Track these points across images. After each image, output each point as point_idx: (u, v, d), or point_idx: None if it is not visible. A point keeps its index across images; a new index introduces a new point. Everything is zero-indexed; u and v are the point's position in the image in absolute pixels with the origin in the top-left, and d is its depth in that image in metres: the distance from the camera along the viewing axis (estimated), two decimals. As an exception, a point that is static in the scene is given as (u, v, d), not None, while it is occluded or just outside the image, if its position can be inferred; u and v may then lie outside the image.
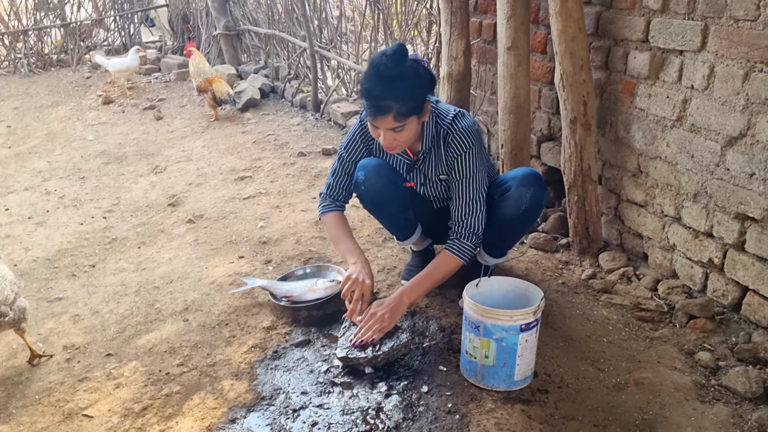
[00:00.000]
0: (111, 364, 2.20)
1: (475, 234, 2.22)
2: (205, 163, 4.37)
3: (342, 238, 2.35)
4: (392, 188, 2.32)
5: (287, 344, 2.27)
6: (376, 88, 1.99)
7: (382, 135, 2.06)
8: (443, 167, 2.27)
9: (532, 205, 2.26)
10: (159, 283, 2.74)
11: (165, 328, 2.39)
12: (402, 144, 2.11)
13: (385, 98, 1.98)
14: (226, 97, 5.44)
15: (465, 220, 2.22)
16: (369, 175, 2.30)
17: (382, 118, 2.00)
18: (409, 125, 2.05)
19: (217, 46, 7.32)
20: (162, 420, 1.92)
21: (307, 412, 1.93)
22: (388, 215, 2.45)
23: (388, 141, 2.07)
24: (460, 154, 2.19)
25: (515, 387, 1.97)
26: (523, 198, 2.24)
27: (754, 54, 2.02)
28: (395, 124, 2.01)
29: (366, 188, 2.32)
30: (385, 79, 1.99)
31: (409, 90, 1.99)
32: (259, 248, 3.03)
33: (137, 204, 3.70)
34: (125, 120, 5.64)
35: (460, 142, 2.18)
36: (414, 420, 1.87)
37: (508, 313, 1.89)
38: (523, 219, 2.29)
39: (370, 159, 2.34)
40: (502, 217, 2.29)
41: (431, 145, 2.24)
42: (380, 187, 2.30)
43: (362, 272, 2.20)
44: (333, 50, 5.53)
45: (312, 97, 5.46)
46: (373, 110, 2.01)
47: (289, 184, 3.88)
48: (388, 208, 2.40)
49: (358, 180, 2.31)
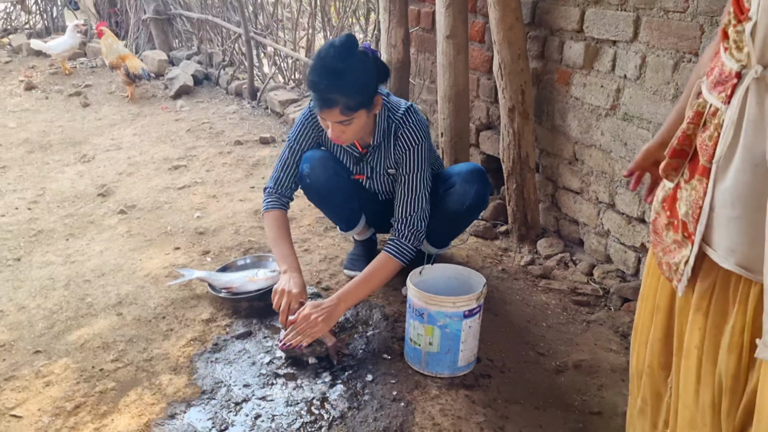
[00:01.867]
0: (40, 361, 2.09)
1: (417, 235, 2.19)
2: (137, 152, 4.22)
3: (278, 241, 2.25)
4: (337, 180, 2.30)
5: (228, 336, 2.21)
6: (321, 82, 1.94)
7: (330, 127, 2.03)
8: (391, 161, 2.26)
9: (475, 201, 2.28)
10: (90, 276, 2.62)
11: (97, 323, 2.29)
12: (350, 137, 2.08)
13: (331, 92, 1.94)
14: (140, 71, 5.36)
15: (408, 218, 2.19)
16: (314, 168, 2.27)
17: (329, 112, 1.97)
18: (357, 119, 2.02)
19: (146, 31, 7.06)
20: (96, 418, 1.84)
21: (249, 405, 1.89)
22: (333, 207, 2.42)
23: (335, 134, 2.04)
24: (408, 149, 2.18)
25: (459, 373, 2.00)
26: (468, 194, 2.26)
27: (683, 45, 2.09)
28: (342, 117, 1.98)
29: (311, 181, 2.28)
30: (331, 72, 1.94)
31: (356, 84, 1.95)
32: (196, 239, 2.94)
33: (64, 194, 3.53)
34: (49, 107, 5.37)
35: (409, 137, 2.17)
36: (359, 409, 1.86)
37: (451, 300, 1.90)
38: (467, 214, 2.33)
39: (315, 151, 2.31)
40: (446, 212, 2.30)
41: (381, 139, 2.23)
42: (325, 179, 2.27)
43: (290, 283, 2.10)
44: (269, 37, 5.43)
45: (248, 85, 5.35)
46: (320, 103, 1.97)
47: (225, 173, 3.79)
48: (333, 200, 2.37)
49: (303, 173, 2.28)
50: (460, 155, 3.01)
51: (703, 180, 1.04)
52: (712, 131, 1.01)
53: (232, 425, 1.81)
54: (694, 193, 1.06)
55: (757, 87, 0.92)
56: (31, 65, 6.68)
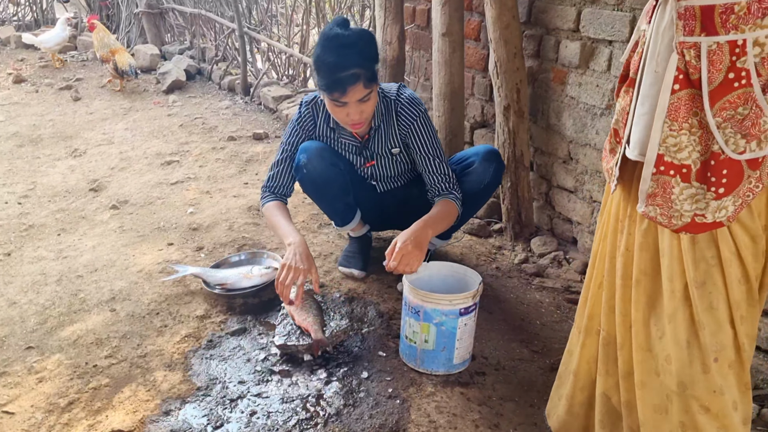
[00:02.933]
0: (32, 357, 2.08)
1: (456, 186, 2.29)
2: (129, 147, 4.19)
3: (280, 222, 2.24)
4: (334, 171, 2.29)
5: (222, 333, 2.21)
6: (341, 58, 1.95)
7: (352, 110, 2.05)
8: (396, 139, 2.30)
9: (493, 179, 2.34)
10: (82, 271, 2.60)
11: (90, 319, 2.28)
12: (368, 117, 2.13)
13: (352, 66, 1.96)
14: (127, 67, 5.47)
15: (444, 176, 2.28)
16: (311, 158, 2.26)
17: (353, 89, 1.99)
18: (374, 93, 2.08)
19: (138, 24, 7.01)
20: (90, 414, 1.83)
21: (245, 402, 1.88)
22: (329, 199, 2.42)
23: (356, 116, 2.07)
24: (413, 120, 2.25)
25: (454, 370, 2.00)
26: (487, 172, 2.32)
27: (680, 46, 2.10)
28: (365, 91, 2.01)
29: (308, 171, 2.28)
30: (347, 46, 1.97)
31: (370, 52, 2.01)
32: (189, 235, 2.93)
33: (55, 189, 3.50)
34: (39, 100, 5.32)
35: (410, 109, 2.25)
36: (355, 406, 1.86)
37: (447, 298, 1.90)
38: (484, 193, 2.37)
39: (312, 142, 2.30)
40: (464, 192, 2.32)
41: (381, 121, 2.26)
42: (322, 169, 2.27)
43: (296, 258, 2.07)
44: (263, 32, 5.41)
45: (241, 80, 5.33)
46: (342, 83, 1.97)
47: (219, 169, 3.77)
48: (329, 191, 2.36)
49: (300, 163, 2.27)
50: (455, 153, 3.01)
51: (630, 90, 1.28)
52: (639, 49, 1.26)
53: (228, 422, 1.80)
54: (623, 102, 1.31)
55: (662, 6, 1.16)
56: (20, 58, 6.62)
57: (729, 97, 1.11)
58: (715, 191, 1.16)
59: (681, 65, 1.13)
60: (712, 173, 1.15)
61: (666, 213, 1.22)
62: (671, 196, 1.21)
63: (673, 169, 1.19)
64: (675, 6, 1.12)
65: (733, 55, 1.09)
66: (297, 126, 2.34)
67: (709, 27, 1.09)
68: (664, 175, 1.21)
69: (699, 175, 1.17)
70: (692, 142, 1.16)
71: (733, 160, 1.13)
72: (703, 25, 1.10)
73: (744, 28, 1.07)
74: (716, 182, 1.16)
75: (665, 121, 1.17)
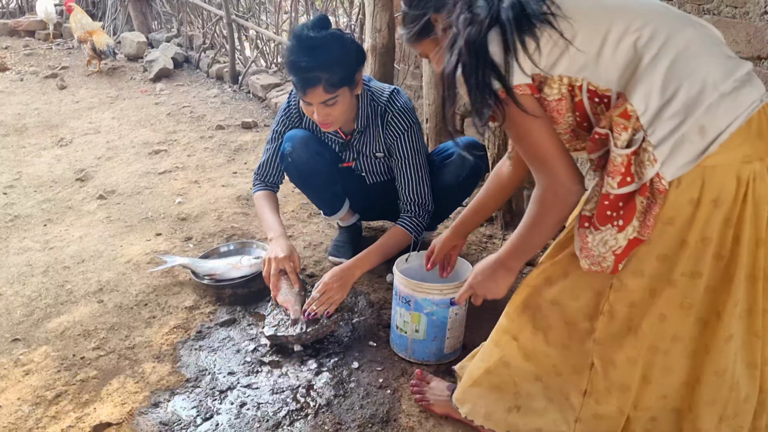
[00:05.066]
0: (18, 349, 2.05)
1: (427, 209, 2.26)
2: (116, 136, 4.14)
3: (265, 215, 2.29)
4: (319, 161, 2.27)
5: (211, 324, 2.19)
6: (302, 60, 1.92)
7: (316, 111, 2.01)
8: (381, 146, 2.26)
9: (471, 172, 2.30)
10: (69, 262, 2.57)
11: (78, 310, 2.25)
12: (336, 120, 2.07)
13: (313, 69, 1.92)
14: (105, 48, 5.52)
15: (416, 198, 2.24)
16: (296, 147, 2.24)
17: (313, 91, 1.95)
18: (342, 97, 2.00)
19: (125, 12, 6.93)
20: (78, 407, 1.81)
21: (234, 393, 1.87)
22: (315, 188, 2.40)
23: (321, 117, 2.02)
24: (401, 134, 2.19)
25: (445, 360, 1.99)
26: (465, 164, 2.28)
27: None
28: (326, 96, 1.96)
29: (293, 160, 2.26)
30: (310, 48, 1.93)
31: (336, 58, 1.94)
32: (177, 225, 2.90)
33: (41, 179, 3.46)
34: (24, 89, 5.25)
35: (399, 121, 2.19)
36: (345, 396, 1.86)
37: (438, 287, 1.89)
38: (463, 186, 2.34)
39: (297, 131, 2.28)
40: (443, 184, 2.30)
41: (366, 123, 2.21)
42: (307, 158, 2.25)
43: (276, 249, 2.13)
44: (251, 19, 5.35)
45: (229, 69, 5.28)
46: (303, 83, 1.95)
47: (207, 158, 3.74)
48: (315, 181, 2.34)
49: (285, 152, 2.25)
50: (445, 141, 2.99)
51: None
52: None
53: (217, 413, 1.79)
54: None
55: None
56: (5, 46, 6.52)
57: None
58: (618, 226, 1.21)
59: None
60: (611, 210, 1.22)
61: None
62: (588, 244, 1.26)
63: (587, 221, 1.25)
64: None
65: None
66: (284, 116, 2.33)
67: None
68: (581, 228, 1.27)
69: (599, 217, 1.23)
70: (596, 194, 1.24)
71: (619, 195, 1.20)
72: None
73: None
74: (616, 216, 1.21)
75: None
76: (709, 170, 1.14)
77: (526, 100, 1.23)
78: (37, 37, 6.99)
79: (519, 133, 1.28)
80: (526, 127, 1.26)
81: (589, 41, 1.19)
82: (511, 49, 1.18)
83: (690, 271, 1.22)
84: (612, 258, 1.23)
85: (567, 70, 1.21)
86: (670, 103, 1.14)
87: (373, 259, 2.16)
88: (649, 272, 1.25)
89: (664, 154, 1.14)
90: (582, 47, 1.19)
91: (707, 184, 1.14)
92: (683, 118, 1.13)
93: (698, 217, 1.17)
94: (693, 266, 1.21)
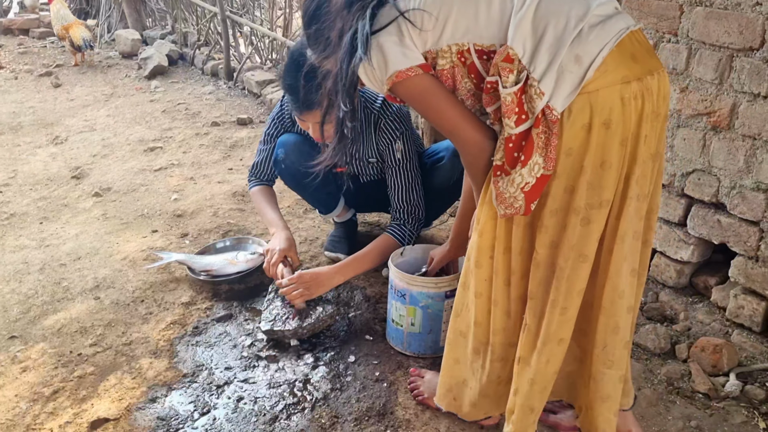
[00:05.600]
0: (16, 347, 2.06)
1: (417, 218, 2.27)
2: (111, 133, 4.13)
3: (264, 210, 2.33)
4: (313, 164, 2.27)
5: (208, 319, 2.19)
6: (299, 83, 1.88)
7: (311, 128, 2.02)
8: (373, 152, 2.26)
9: (462, 175, 2.28)
10: (65, 260, 2.57)
11: (74, 307, 2.26)
12: (332, 135, 2.06)
13: (311, 92, 1.89)
14: (81, 42, 5.66)
15: (407, 206, 2.25)
16: (288, 153, 2.26)
17: (309, 114, 1.95)
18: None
19: (119, 9, 6.89)
20: (75, 403, 1.81)
21: (232, 388, 1.88)
22: (310, 191, 2.40)
23: (317, 134, 2.01)
24: (393, 140, 2.20)
25: (441, 353, 1.99)
26: (456, 168, 2.27)
27: (663, 24, 2.10)
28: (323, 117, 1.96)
29: (286, 166, 2.28)
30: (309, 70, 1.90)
31: None
32: (173, 221, 2.90)
33: (37, 177, 3.45)
34: (19, 87, 5.23)
35: (392, 128, 2.19)
36: (342, 390, 1.86)
37: (433, 281, 1.90)
38: (453, 189, 2.32)
39: (289, 135, 2.30)
40: (434, 186, 2.31)
41: (360, 130, 2.21)
42: (300, 163, 2.25)
43: (275, 241, 2.18)
44: (245, 16, 5.34)
45: (224, 65, 5.26)
46: (300, 106, 1.95)
47: (203, 155, 3.74)
48: (309, 184, 2.34)
49: (278, 158, 2.28)
50: (440, 136, 2.99)
51: None
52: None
53: (215, 408, 1.80)
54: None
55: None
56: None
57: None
58: (521, 161, 1.28)
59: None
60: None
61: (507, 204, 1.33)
62: (500, 189, 1.32)
63: (499, 170, 1.32)
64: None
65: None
66: (277, 120, 2.36)
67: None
68: (494, 177, 1.33)
69: (509, 161, 1.30)
70: (501, 142, 1.31)
71: (520, 133, 1.27)
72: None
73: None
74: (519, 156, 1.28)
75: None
76: (594, 95, 1.21)
77: (418, 80, 1.32)
78: (32, 35, 6.95)
79: (423, 109, 1.39)
80: (428, 103, 1.36)
81: (465, 6, 1.29)
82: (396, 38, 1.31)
83: (597, 201, 1.28)
84: (522, 196, 1.29)
85: (452, 38, 1.30)
86: (543, 39, 1.23)
87: (358, 268, 2.16)
88: (561, 206, 1.31)
89: (549, 87, 1.22)
90: (460, 12, 1.29)
91: (594, 108, 1.22)
92: (557, 50, 1.22)
93: (592, 141, 1.24)
94: (597, 195, 1.28)
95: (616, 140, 1.24)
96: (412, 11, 1.29)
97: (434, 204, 2.39)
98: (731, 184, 2.02)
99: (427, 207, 2.35)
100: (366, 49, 1.29)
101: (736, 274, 2.08)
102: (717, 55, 1.97)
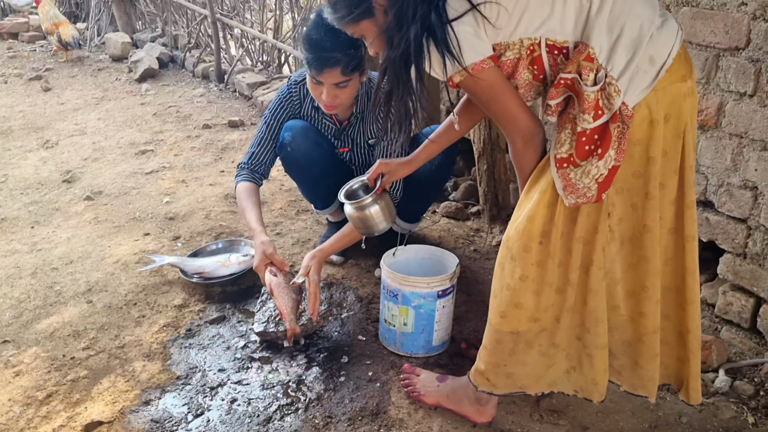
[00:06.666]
0: (8, 351, 2.05)
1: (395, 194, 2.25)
2: (102, 137, 4.13)
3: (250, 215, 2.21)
4: (318, 151, 2.29)
5: (201, 322, 2.20)
6: (326, 39, 1.92)
7: (325, 91, 2.04)
8: (374, 131, 2.27)
9: (444, 159, 2.27)
10: (57, 264, 2.57)
11: (67, 311, 2.26)
12: (342, 103, 2.12)
13: (336, 49, 1.94)
14: (70, 39, 5.90)
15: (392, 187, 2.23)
16: (296, 137, 2.26)
17: (330, 71, 1.98)
18: (353, 82, 2.07)
19: (108, 12, 6.88)
20: (69, 406, 1.82)
21: (225, 389, 1.88)
22: (311, 181, 2.40)
23: (330, 98, 2.05)
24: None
25: (434, 353, 2.02)
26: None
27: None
28: (341, 78, 2.00)
29: (292, 149, 2.27)
30: (334, 28, 1.93)
31: (356, 43, 1.95)
32: (165, 224, 2.90)
33: (27, 181, 3.44)
34: (8, 91, 5.21)
35: None
36: (335, 390, 1.87)
37: (425, 280, 1.91)
38: (437, 175, 2.34)
39: (297, 121, 2.30)
40: (417, 174, 2.30)
41: (362, 110, 2.26)
42: (306, 149, 2.26)
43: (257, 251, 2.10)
44: (236, 18, 5.34)
45: (215, 68, 5.26)
46: (321, 63, 1.97)
47: (194, 157, 3.74)
48: (312, 172, 2.35)
49: (284, 141, 2.26)
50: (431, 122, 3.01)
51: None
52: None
53: (208, 410, 1.80)
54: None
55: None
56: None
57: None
58: (598, 154, 1.35)
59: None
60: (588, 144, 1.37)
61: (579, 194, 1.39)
62: (572, 181, 1.39)
63: (566, 162, 1.39)
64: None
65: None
66: (284, 102, 2.32)
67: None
68: (561, 169, 1.40)
69: (579, 154, 1.37)
70: (568, 135, 1.38)
71: (595, 128, 1.34)
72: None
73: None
74: (594, 148, 1.36)
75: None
76: (661, 93, 1.33)
77: (489, 72, 1.37)
78: (21, 39, 6.93)
79: (486, 99, 1.43)
80: (493, 94, 1.42)
81: (541, 3, 1.34)
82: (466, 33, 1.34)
83: (660, 183, 1.40)
84: (596, 187, 1.37)
85: (525, 32, 1.36)
86: (620, 39, 1.31)
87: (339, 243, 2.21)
88: (628, 187, 1.41)
89: (625, 84, 1.31)
90: (535, 7, 1.34)
91: (660, 104, 1.33)
92: (634, 52, 1.30)
93: (656, 135, 1.35)
94: (662, 178, 1.40)
95: (674, 132, 1.36)
96: (487, 4, 1.32)
97: (420, 195, 2.37)
98: (719, 182, 2.04)
99: (414, 199, 2.35)
100: (443, 35, 1.32)
101: (724, 271, 2.10)
102: (703, 55, 1.99)
